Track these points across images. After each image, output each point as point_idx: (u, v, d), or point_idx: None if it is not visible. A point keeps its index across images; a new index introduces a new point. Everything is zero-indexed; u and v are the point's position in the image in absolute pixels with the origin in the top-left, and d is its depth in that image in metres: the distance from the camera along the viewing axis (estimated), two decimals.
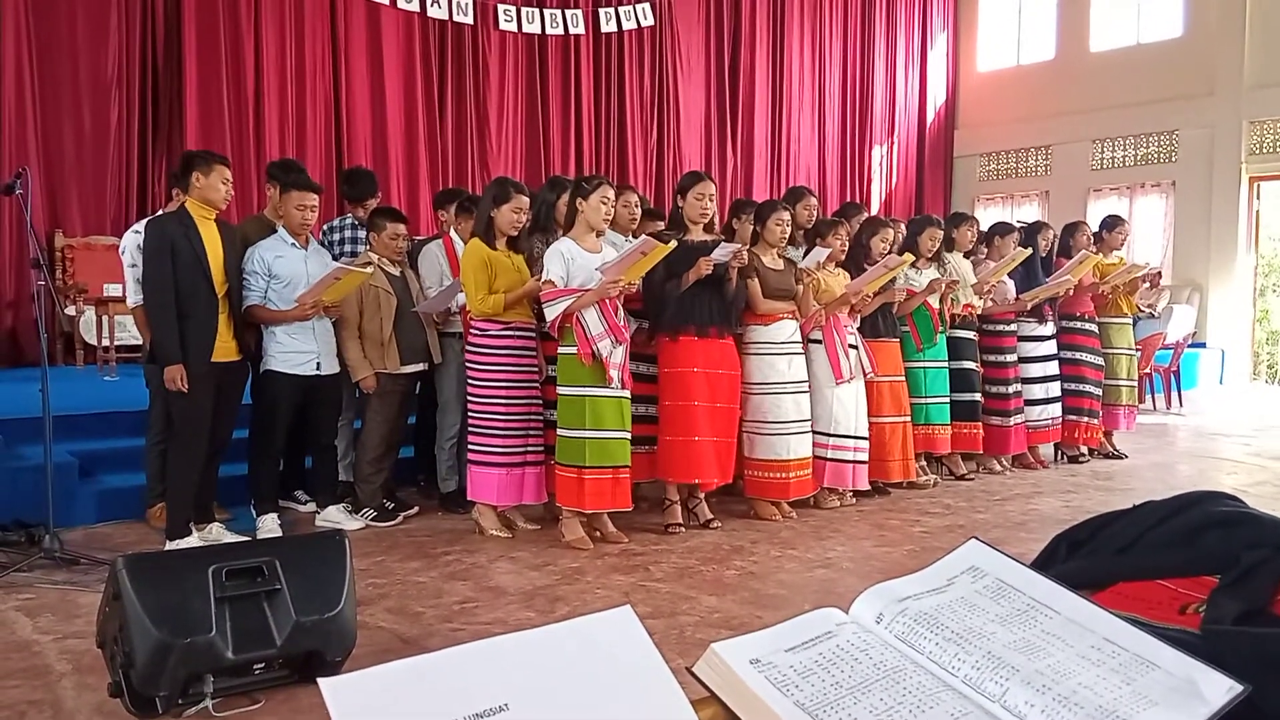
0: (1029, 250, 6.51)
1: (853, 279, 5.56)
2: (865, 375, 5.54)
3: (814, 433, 5.33)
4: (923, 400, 6.06)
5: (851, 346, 5.46)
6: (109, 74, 8.79)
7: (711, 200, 5.04)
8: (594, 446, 4.57)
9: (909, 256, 5.73)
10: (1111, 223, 7.29)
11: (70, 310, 7.92)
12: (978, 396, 6.43)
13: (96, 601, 3.04)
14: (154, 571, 2.82)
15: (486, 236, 4.78)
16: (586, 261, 4.57)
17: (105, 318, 7.44)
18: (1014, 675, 0.82)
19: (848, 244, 5.67)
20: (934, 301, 6.04)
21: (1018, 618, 0.90)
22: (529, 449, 4.84)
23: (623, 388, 4.61)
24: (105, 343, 7.45)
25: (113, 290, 7.40)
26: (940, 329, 6.10)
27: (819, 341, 5.40)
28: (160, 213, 4.90)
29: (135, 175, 8.97)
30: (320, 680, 0.69)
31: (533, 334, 4.88)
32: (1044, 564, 1.13)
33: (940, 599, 0.93)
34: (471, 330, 4.86)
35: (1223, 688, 0.78)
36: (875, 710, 0.81)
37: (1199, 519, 1.07)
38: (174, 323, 4.36)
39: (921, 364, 6.06)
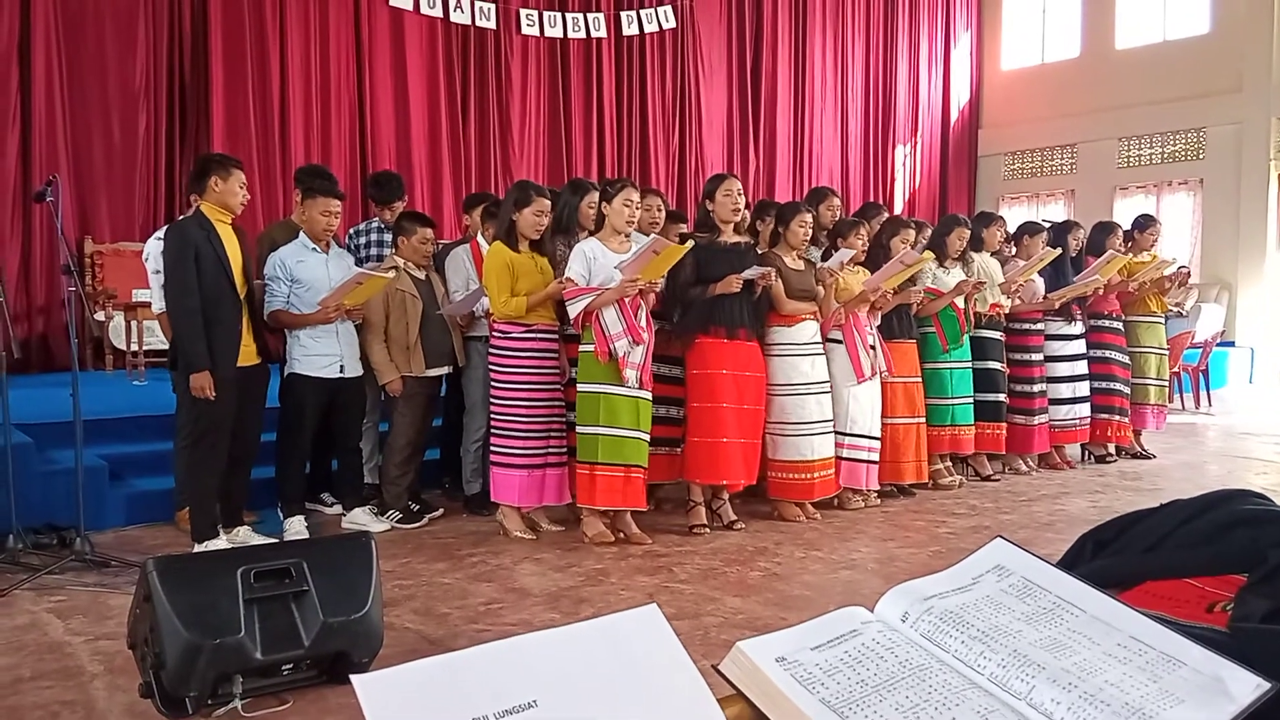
0: (1058, 250, 6.47)
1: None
2: (881, 376, 5.53)
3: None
4: (948, 401, 6.03)
5: (871, 346, 5.45)
6: (137, 83, 8.89)
7: (740, 196, 5.06)
8: (606, 443, 4.58)
9: (927, 254, 5.71)
10: (1144, 223, 7.23)
11: (100, 316, 8.01)
12: (1002, 397, 6.38)
13: (127, 603, 3.08)
14: (184, 573, 2.85)
15: (508, 239, 4.80)
16: (608, 261, 4.59)
17: (134, 323, 7.53)
18: (1040, 673, 0.83)
19: (868, 244, 5.66)
20: (960, 302, 6.02)
21: (1044, 616, 0.90)
22: (550, 450, 4.85)
23: (641, 387, 4.62)
24: (134, 347, 7.53)
25: (141, 295, 7.48)
26: (966, 330, 6.07)
27: (838, 341, 5.39)
28: (180, 219, 4.93)
29: (163, 182, 9.07)
30: (353, 677, 0.70)
31: (555, 337, 4.89)
32: (1070, 563, 1.13)
33: (965, 597, 0.93)
34: (494, 333, 4.88)
35: (1250, 685, 0.78)
36: (901, 707, 0.81)
37: (1226, 517, 1.06)
38: (200, 328, 4.33)
39: (947, 365, 6.04)
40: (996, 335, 6.38)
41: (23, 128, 8.35)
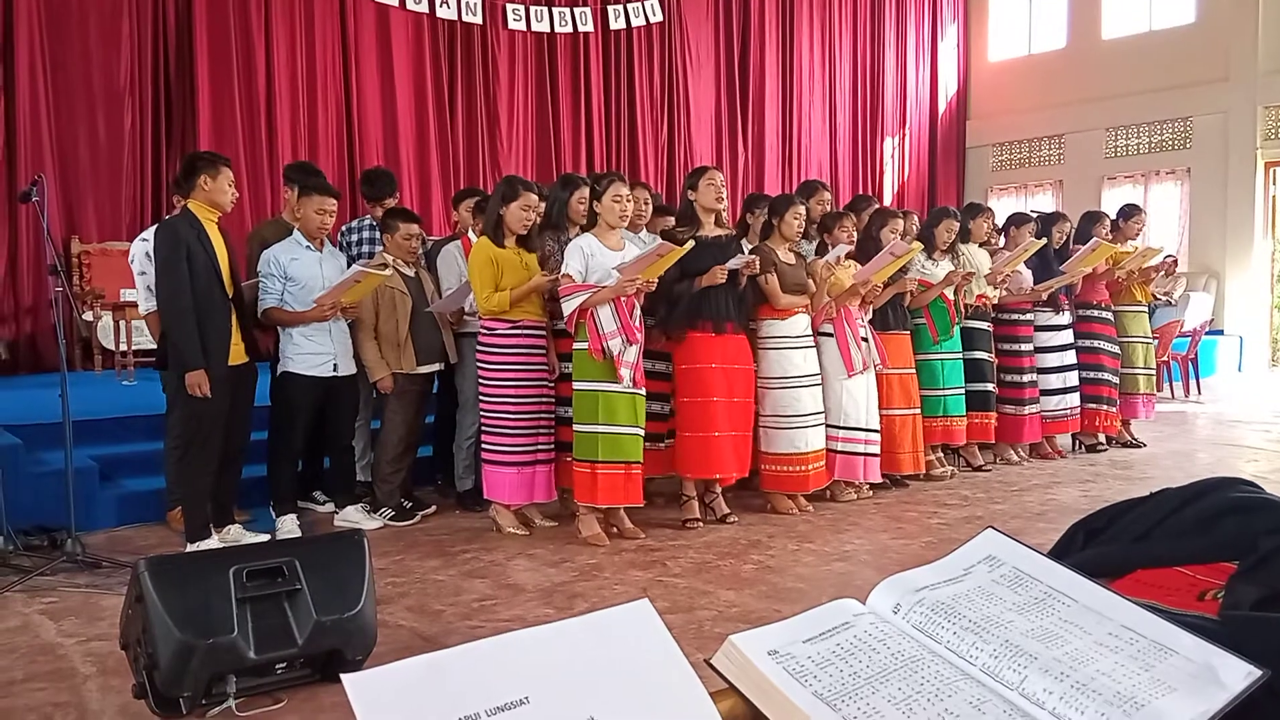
0: (1043, 240, 6.48)
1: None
2: (875, 368, 5.53)
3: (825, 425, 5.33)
4: (940, 392, 6.04)
5: (863, 339, 5.45)
6: (122, 81, 8.83)
7: (723, 187, 5.04)
8: (606, 441, 4.58)
9: (917, 245, 5.71)
10: (1129, 211, 7.27)
11: (88, 316, 7.97)
12: (991, 386, 6.41)
13: (119, 604, 3.06)
14: (176, 573, 2.84)
15: (495, 235, 4.79)
16: (605, 259, 4.58)
17: (122, 322, 7.49)
18: (1032, 663, 0.83)
19: (855, 236, 5.66)
20: (949, 293, 6.03)
21: (1035, 606, 0.90)
22: (539, 447, 4.85)
23: (635, 385, 4.62)
24: (123, 347, 7.50)
25: (129, 295, 7.44)
26: (956, 321, 6.09)
27: (829, 334, 5.39)
28: (168, 218, 4.91)
29: (150, 181, 9.02)
30: (343, 675, 0.70)
31: (543, 333, 4.88)
32: (1061, 552, 1.13)
33: (957, 588, 0.94)
34: (481, 330, 4.88)
35: (1241, 673, 0.78)
36: (894, 699, 0.81)
37: (1216, 505, 1.07)
38: (194, 328, 4.34)
39: (938, 355, 6.05)
40: (984, 326, 6.41)
41: (7, 127, 8.29)
